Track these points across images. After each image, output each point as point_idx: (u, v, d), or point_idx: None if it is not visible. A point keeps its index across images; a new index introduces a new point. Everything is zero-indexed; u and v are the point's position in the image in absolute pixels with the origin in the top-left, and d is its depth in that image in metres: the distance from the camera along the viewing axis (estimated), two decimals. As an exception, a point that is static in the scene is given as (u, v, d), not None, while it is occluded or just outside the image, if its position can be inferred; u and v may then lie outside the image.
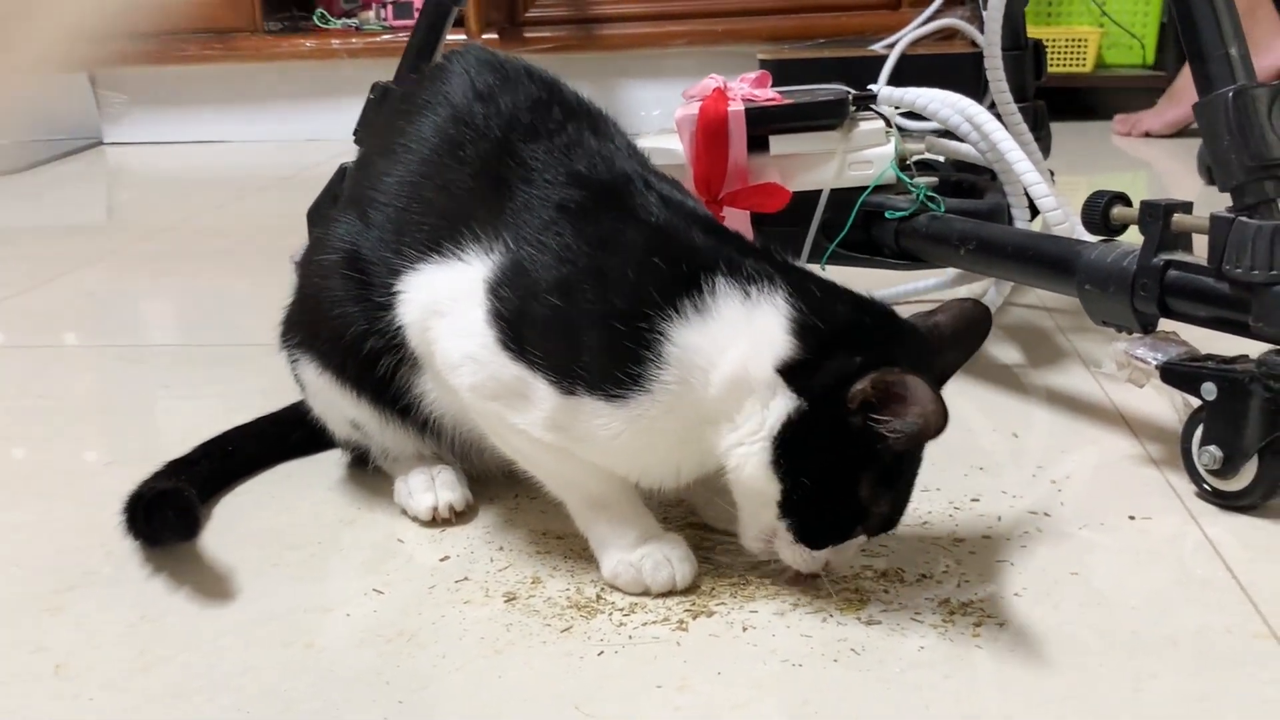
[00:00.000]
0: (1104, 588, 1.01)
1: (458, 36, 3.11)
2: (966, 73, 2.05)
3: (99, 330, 1.93)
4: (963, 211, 1.50)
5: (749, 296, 0.94)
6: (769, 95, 1.50)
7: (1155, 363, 1.19)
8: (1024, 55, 1.79)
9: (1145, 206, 1.23)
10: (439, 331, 1.02)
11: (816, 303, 0.94)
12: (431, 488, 1.15)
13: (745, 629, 0.96)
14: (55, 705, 0.89)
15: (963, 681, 0.88)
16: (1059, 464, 1.27)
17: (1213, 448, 1.12)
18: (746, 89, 1.50)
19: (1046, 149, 1.73)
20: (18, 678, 0.92)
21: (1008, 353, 1.59)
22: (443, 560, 1.08)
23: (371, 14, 3.56)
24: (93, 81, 3.64)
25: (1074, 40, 3.42)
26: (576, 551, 1.07)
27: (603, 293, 0.95)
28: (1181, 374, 1.16)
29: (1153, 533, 1.11)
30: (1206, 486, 1.15)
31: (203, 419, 1.34)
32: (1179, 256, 1.20)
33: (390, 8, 3.48)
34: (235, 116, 3.61)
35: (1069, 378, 1.49)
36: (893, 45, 2.13)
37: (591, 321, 0.94)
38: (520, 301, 0.97)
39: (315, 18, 3.56)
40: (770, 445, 0.93)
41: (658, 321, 0.93)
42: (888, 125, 1.53)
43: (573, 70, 1.14)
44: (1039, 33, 3.24)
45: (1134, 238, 1.26)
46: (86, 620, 1.00)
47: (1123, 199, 1.35)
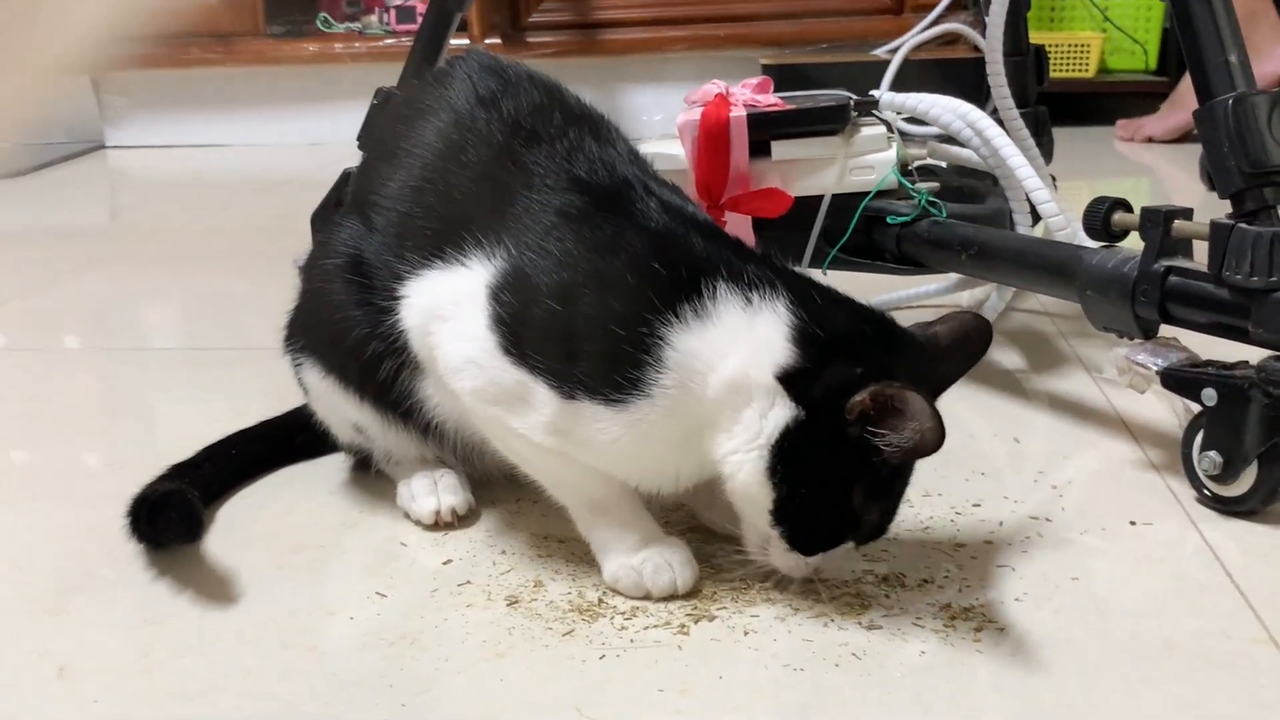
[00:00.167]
0: (1104, 592, 1.02)
1: (460, 41, 3.12)
2: (968, 78, 2.06)
3: (100, 333, 1.93)
4: (964, 217, 1.51)
5: (750, 303, 0.94)
6: (771, 100, 1.50)
7: (1156, 368, 1.19)
8: (1026, 61, 1.79)
9: (1146, 213, 1.23)
10: (441, 336, 1.02)
11: (817, 310, 0.94)
12: (434, 491, 1.15)
13: (746, 633, 0.96)
14: (59, 707, 0.89)
15: (963, 686, 0.89)
16: (1060, 469, 1.28)
17: (1213, 453, 1.12)
18: (748, 94, 1.51)
19: (1048, 154, 1.74)
20: (22, 680, 0.93)
21: (1009, 358, 1.59)
22: (445, 564, 1.08)
23: (374, 18, 3.56)
24: (95, 85, 3.64)
25: (1076, 45, 3.42)
26: (578, 555, 1.08)
27: (603, 298, 0.95)
28: (1182, 379, 1.16)
29: (1153, 538, 1.11)
30: (1206, 492, 1.15)
31: (204, 422, 1.34)
32: (1180, 262, 1.21)
33: (393, 12, 3.48)
34: (237, 120, 3.62)
35: (1070, 383, 1.49)
36: (895, 50, 2.13)
37: (592, 326, 0.95)
38: (521, 306, 0.97)
39: (318, 22, 3.57)
40: (767, 453, 0.93)
41: (658, 326, 0.93)
42: (889, 131, 1.53)
43: (574, 75, 1.15)
44: (1041, 38, 3.26)
45: (1135, 244, 1.27)
46: (89, 623, 1.01)
47: (1124, 205, 1.35)
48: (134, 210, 3.13)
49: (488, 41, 3.30)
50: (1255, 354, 1.13)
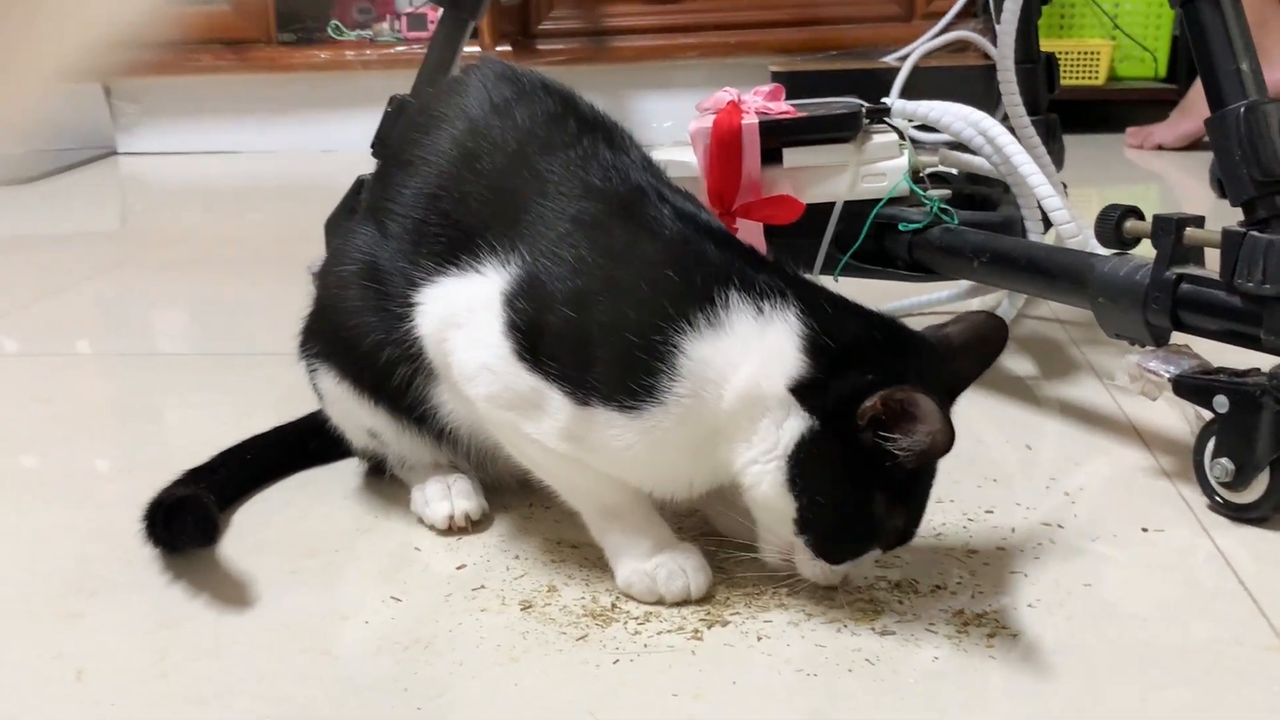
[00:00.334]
0: (1116, 599, 1.02)
1: (471, 49, 3.13)
2: (978, 85, 2.07)
3: (112, 338, 1.94)
4: (976, 224, 1.51)
5: (761, 312, 0.95)
6: (782, 108, 1.51)
7: (1168, 375, 1.20)
8: (1037, 68, 1.80)
9: (1158, 221, 1.23)
10: (455, 342, 1.03)
11: (828, 319, 0.95)
12: (448, 496, 1.16)
13: (760, 638, 0.96)
14: (78, 709, 0.90)
15: (976, 692, 0.89)
16: (1072, 476, 1.28)
17: (1224, 460, 1.12)
18: (760, 102, 1.51)
19: (1059, 161, 1.74)
20: (40, 682, 0.93)
21: (1021, 365, 1.59)
22: (459, 568, 1.09)
23: (386, 26, 3.57)
24: (107, 91, 3.66)
25: (1086, 53, 3.42)
26: (591, 560, 1.08)
27: (617, 305, 0.96)
28: (1194, 387, 1.16)
29: (1165, 544, 1.11)
30: (1218, 499, 1.15)
31: (216, 427, 1.35)
32: (1191, 270, 1.21)
33: (404, 19, 3.49)
34: (248, 127, 3.63)
35: (1082, 390, 1.49)
36: (905, 58, 2.14)
37: (605, 333, 0.95)
38: (535, 313, 0.98)
39: (329, 29, 3.58)
40: (785, 464, 0.94)
41: (671, 334, 0.94)
42: (901, 138, 1.54)
43: (584, 82, 1.15)
44: (1051, 45, 3.26)
45: (1146, 251, 1.27)
46: (105, 626, 1.01)
47: (1136, 213, 1.36)
48: (145, 216, 3.14)
49: (498, 49, 3.31)
50: (1267, 361, 1.14)
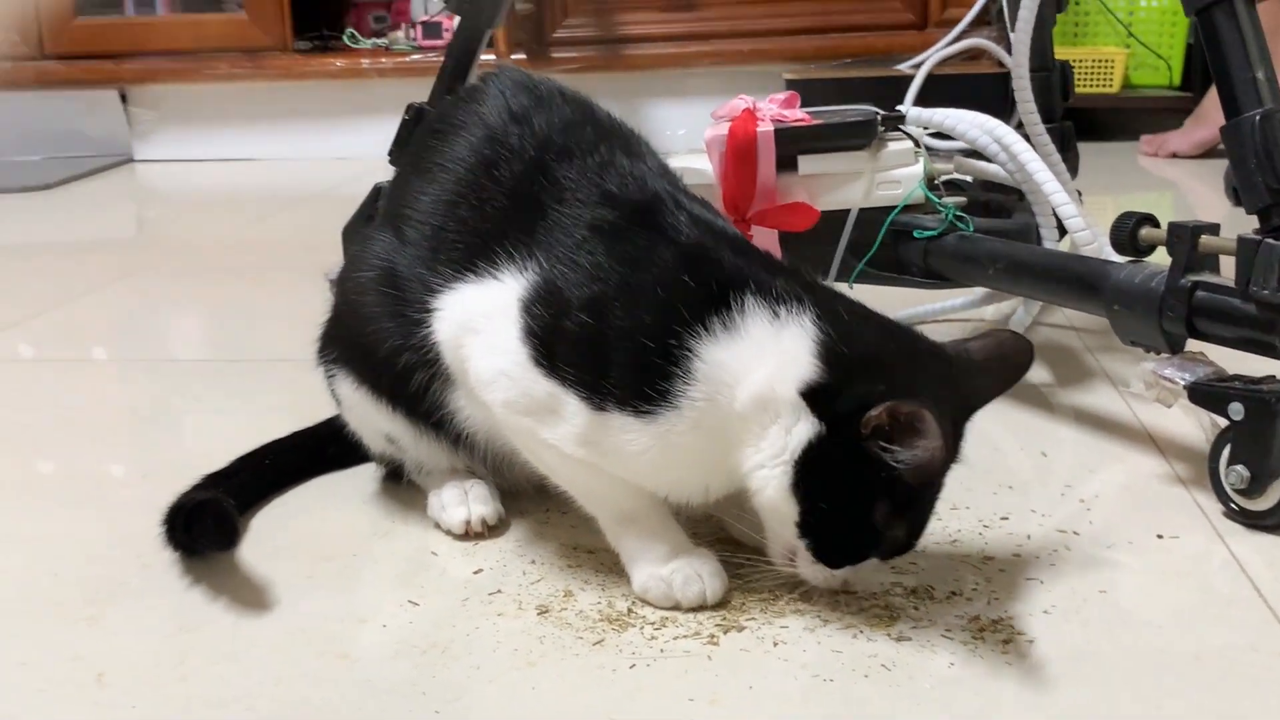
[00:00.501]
0: (1131, 606, 1.02)
1: (486, 57, 3.14)
2: (992, 93, 2.07)
3: (129, 344, 1.95)
4: (991, 231, 1.51)
5: (777, 316, 0.95)
6: (798, 116, 1.51)
7: (1183, 382, 1.20)
8: (1051, 76, 1.80)
9: (1173, 228, 1.23)
10: (473, 348, 1.03)
11: (843, 326, 0.95)
12: (464, 501, 1.16)
13: (776, 644, 0.96)
14: (99, 713, 0.90)
15: (992, 698, 0.89)
16: (1087, 483, 1.28)
17: (1240, 467, 1.12)
18: (775, 109, 1.52)
19: (1074, 169, 1.74)
20: (61, 686, 0.94)
21: (1036, 372, 1.59)
22: (476, 573, 1.09)
23: (401, 34, 3.59)
24: (124, 99, 3.68)
25: (1100, 61, 3.42)
26: (607, 566, 1.08)
27: (633, 310, 0.96)
28: (1209, 394, 1.16)
29: (1180, 551, 1.11)
30: (1234, 506, 1.15)
31: (232, 432, 1.35)
32: (1206, 278, 1.21)
33: (420, 28, 3.51)
34: (264, 134, 3.65)
35: (1097, 397, 1.49)
36: (919, 65, 2.14)
37: (622, 339, 0.96)
38: (553, 319, 0.98)
39: (345, 37, 3.60)
40: (791, 468, 0.94)
41: (687, 338, 0.94)
42: (916, 146, 1.54)
43: (598, 90, 1.16)
44: (1065, 53, 3.25)
45: (1162, 258, 1.27)
46: (124, 630, 1.02)
47: (1151, 220, 1.36)
48: (162, 223, 3.16)
49: (513, 57, 3.32)
50: (1283, 369, 1.14)
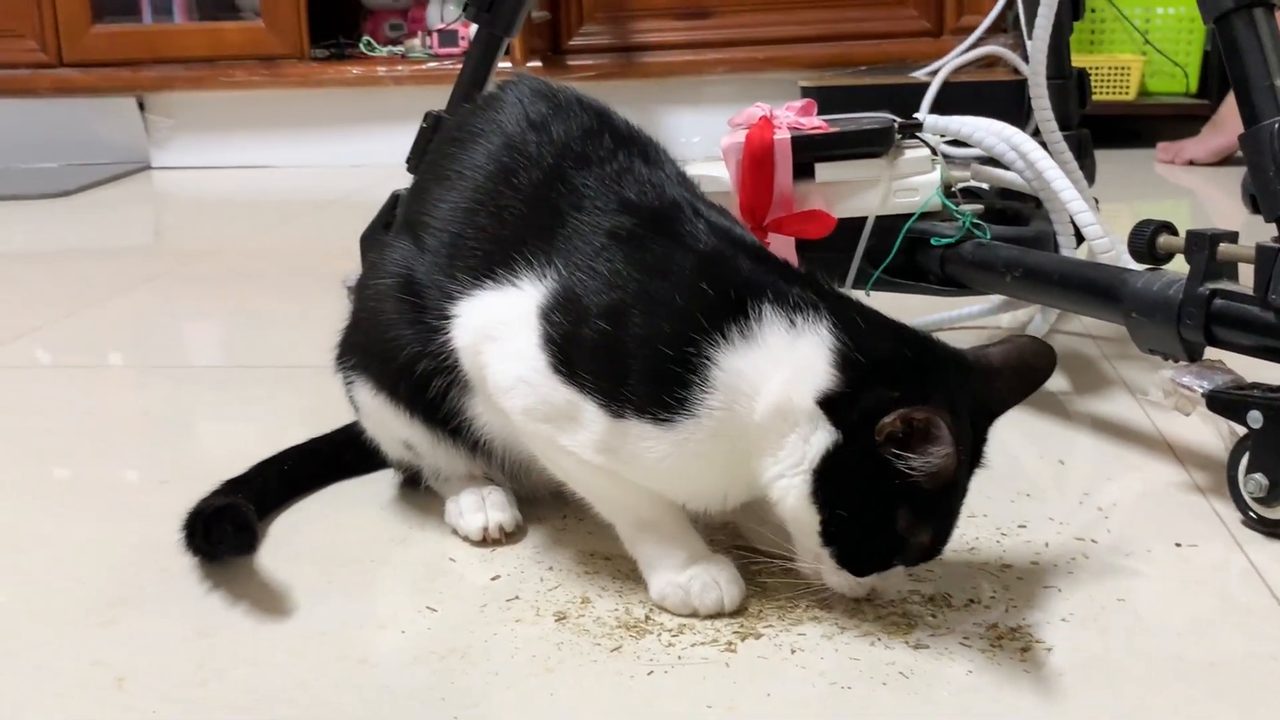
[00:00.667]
0: (1149, 614, 1.02)
1: (502, 65, 3.15)
2: (1008, 100, 2.07)
3: (146, 351, 1.96)
4: (1008, 239, 1.51)
5: (794, 324, 0.95)
6: (815, 123, 1.51)
7: (1201, 391, 1.19)
8: (1068, 84, 1.80)
9: (1191, 236, 1.23)
10: (491, 355, 1.04)
11: (860, 334, 0.95)
12: (482, 508, 1.16)
13: (794, 651, 0.96)
14: (119, 716, 0.91)
15: (1010, 706, 0.89)
16: (1105, 491, 1.28)
17: (1258, 475, 1.12)
18: (792, 117, 1.52)
19: (1091, 177, 1.74)
20: (81, 690, 0.94)
21: (1054, 380, 1.57)
22: (493, 579, 1.10)
23: (417, 42, 3.60)
24: (141, 106, 3.70)
25: (1117, 68, 3.42)
26: (625, 572, 1.08)
27: (652, 318, 0.96)
28: (1227, 402, 1.16)
29: (1198, 560, 1.11)
30: (1252, 514, 1.15)
31: (250, 438, 1.36)
32: (1225, 286, 1.21)
33: (436, 36, 3.52)
34: (281, 142, 3.66)
35: (1115, 405, 1.49)
36: (935, 73, 2.15)
37: (641, 346, 0.96)
38: (571, 326, 0.99)
39: (361, 45, 3.61)
40: (810, 477, 0.94)
41: (705, 346, 0.94)
42: (933, 153, 1.54)
43: (614, 98, 1.16)
44: (1082, 60, 3.25)
45: (1179, 266, 1.27)
46: (144, 634, 1.02)
47: (1169, 228, 1.36)
48: (179, 230, 3.17)
49: (529, 65, 3.32)
50: (1301, 377, 1.14)
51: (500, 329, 1.03)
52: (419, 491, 1.25)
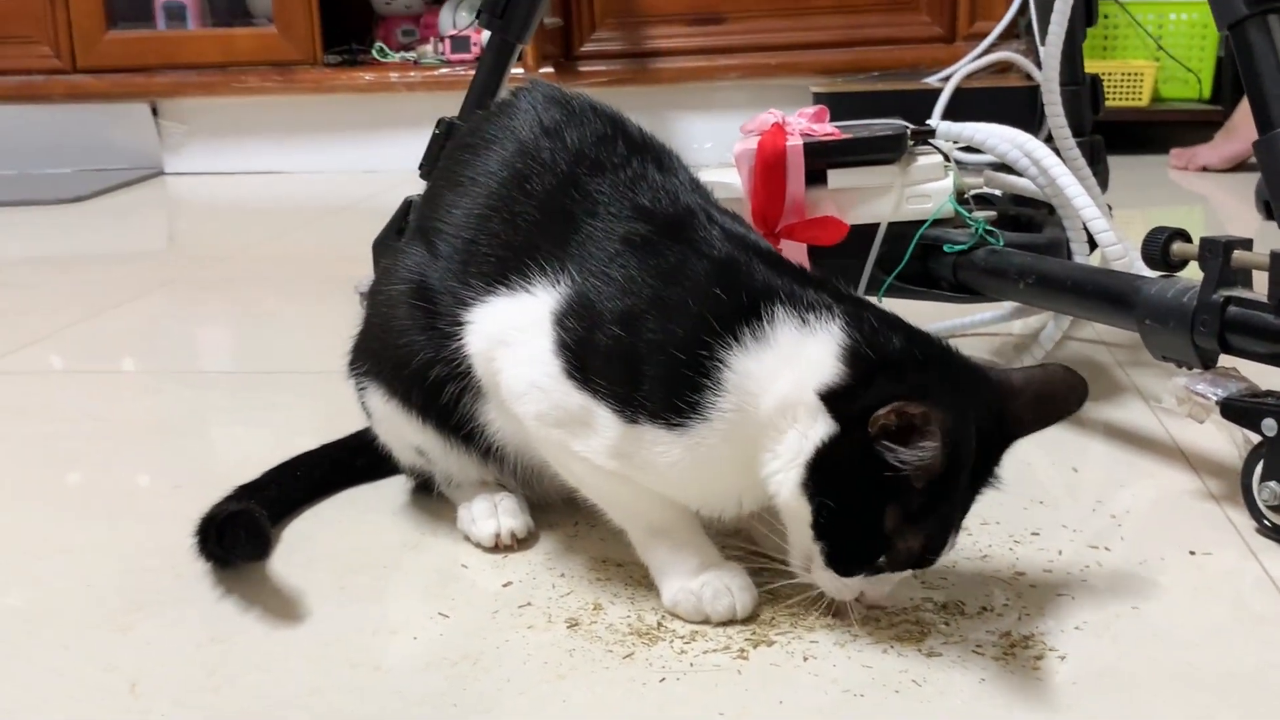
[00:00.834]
0: (1163, 623, 1.01)
1: (514, 71, 3.15)
2: (1021, 107, 2.06)
3: (159, 356, 1.96)
4: (1021, 245, 1.51)
5: (805, 324, 0.95)
6: (827, 130, 1.51)
7: (1215, 398, 1.19)
8: (1081, 90, 1.80)
9: (1205, 243, 1.23)
10: (505, 360, 1.04)
11: (871, 332, 0.95)
12: (494, 514, 1.16)
13: (806, 658, 0.96)
14: (130, 721, 0.91)
15: (1024, 715, 0.88)
16: (1118, 499, 1.27)
17: (1273, 484, 1.12)
18: (804, 123, 1.52)
19: (1104, 183, 1.74)
20: (93, 695, 0.94)
21: (1065, 387, 1.58)
22: (505, 586, 1.10)
23: (429, 48, 3.60)
24: (154, 112, 3.71)
25: (1130, 74, 3.41)
26: (636, 579, 1.08)
27: (666, 324, 0.96)
28: (1242, 410, 1.16)
29: (1212, 568, 1.11)
30: (1267, 523, 1.14)
31: (261, 444, 1.36)
32: (1239, 293, 1.20)
33: (448, 42, 3.52)
34: (294, 148, 3.67)
35: (1128, 412, 1.49)
36: (947, 79, 2.14)
37: (654, 352, 0.96)
38: (585, 332, 0.99)
39: (374, 51, 3.62)
40: (803, 469, 0.93)
41: (718, 349, 0.94)
42: (945, 160, 1.54)
43: (626, 104, 1.16)
44: (1095, 66, 3.24)
45: (1193, 274, 1.27)
46: (157, 640, 1.02)
47: (1183, 235, 1.35)
48: (192, 236, 3.18)
49: (541, 71, 3.33)
50: (1317, 384, 1.13)
51: (514, 334, 1.04)
52: (431, 498, 1.25)
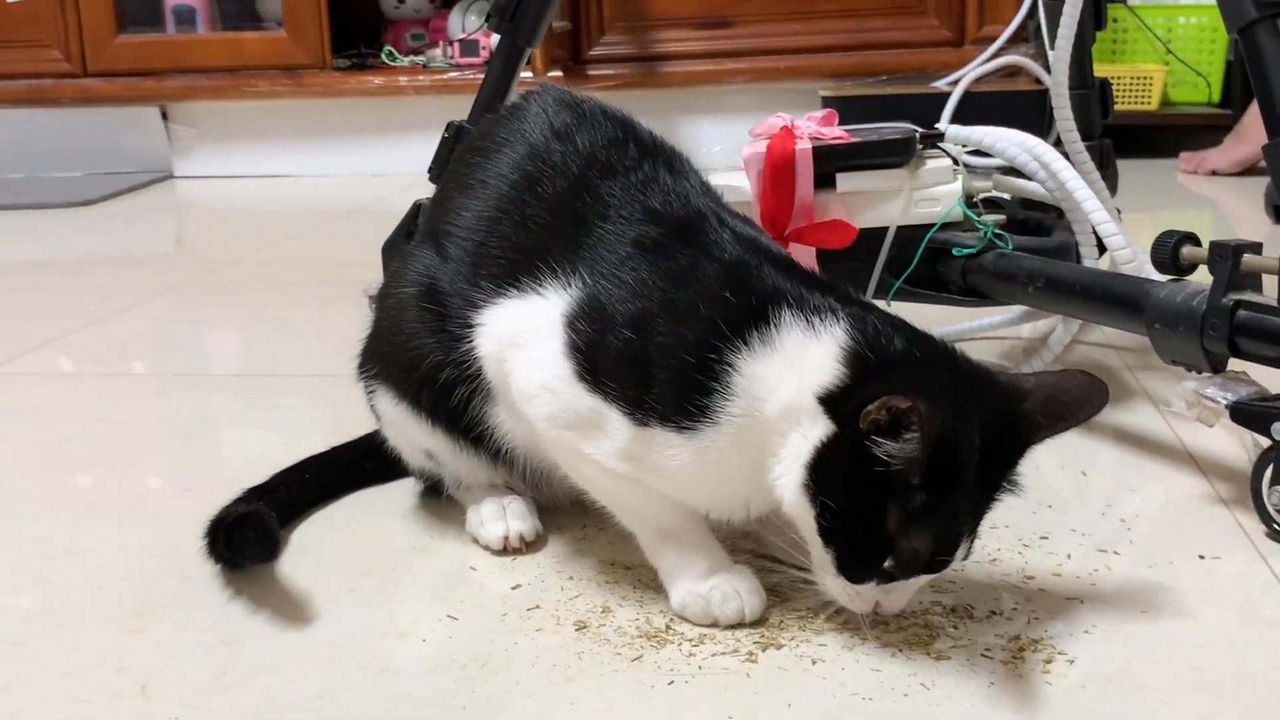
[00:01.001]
0: (1172, 627, 1.01)
1: (523, 74, 3.16)
2: (1030, 110, 2.07)
3: (168, 359, 1.97)
4: (1030, 249, 1.51)
5: (811, 328, 0.95)
6: (836, 133, 1.51)
7: (1225, 402, 1.19)
8: (1090, 93, 1.79)
9: (1215, 247, 1.23)
10: (515, 363, 1.04)
11: (873, 335, 0.95)
12: (503, 517, 1.17)
13: (814, 662, 0.96)
14: (140, 723, 0.91)
15: (1032, 718, 0.88)
16: (1127, 503, 1.27)
17: (1283, 488, 1.12)
18: (813, 127, 1.52)
19: (1113, 187, 1.74)
20: (103, 697, 0.95)
21: (1073, 391, 1.58)
22: (514, 588, 1.10)
23: (438, 52, 3.61)
24: (164, 116, 3.72)
25: (1139, 78, 3.41)
26: (645, 582, 1.08)
27: (677, 327, 0.96)
28: (1251, 413, 1.16)
29: (1222, 572, 1.10)
30: (1276, 527, 1.14)
31: (270, 447, 1.37)
32: (1249, 296, 1.20)
33: (457, 46, 3.53)
34: (303, 151, 3.68)
35: (1137, 416, 1.49)
36: (956, 82, 2.14)
37: (665, 355, 0.96)
38: (596, 334, 0.99)
39: (383, 55, 3.62)
40: (804, 471, 0.93)
41: (726, 353, 0.95)
42: (954, 163, 1.54)
43: (634, 108, 1.16)
44: (1104, 70, 3.25)
45: (1203, 277, 1.26)
46: (167, 642, 1.03)
47: (1192, 239, 1.35)
48: (201, 239, 3.19)
49: (550, 74, 3.33)
50: (1327, 388, 1.13)
51: (525, 337, 1.04)
52: (440, 500, 1.25)
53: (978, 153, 1.69)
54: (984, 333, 1.72)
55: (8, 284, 2.51)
